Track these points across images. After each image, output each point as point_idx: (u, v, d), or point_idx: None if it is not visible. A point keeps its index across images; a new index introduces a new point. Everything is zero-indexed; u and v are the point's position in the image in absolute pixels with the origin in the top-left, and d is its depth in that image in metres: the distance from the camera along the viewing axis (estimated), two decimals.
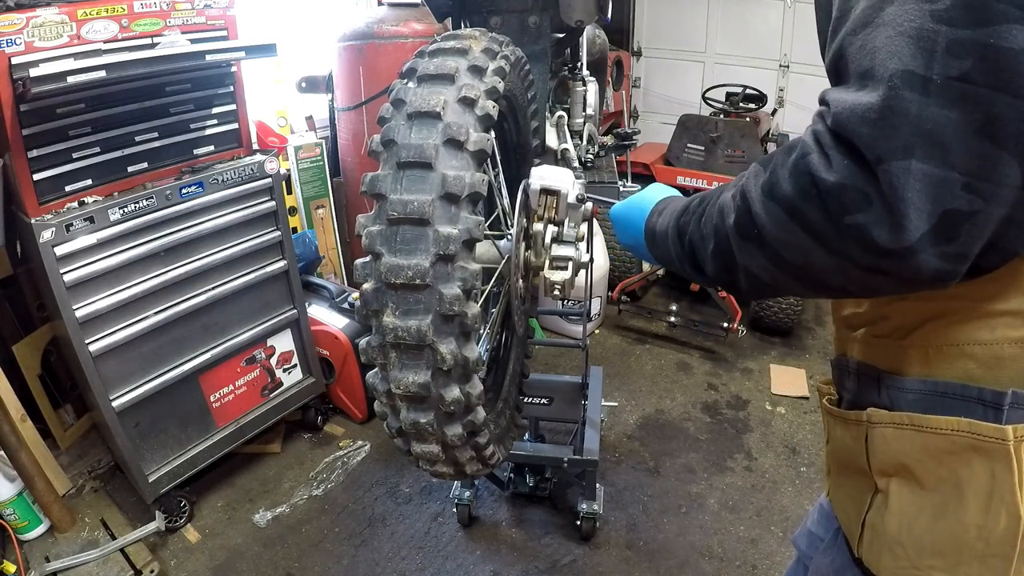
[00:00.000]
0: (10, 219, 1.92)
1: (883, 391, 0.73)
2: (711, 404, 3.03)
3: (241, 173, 2.26)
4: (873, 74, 0.54)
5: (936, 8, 0.52)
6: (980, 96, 0.51)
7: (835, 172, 0.55)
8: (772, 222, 0.60)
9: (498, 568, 2.19)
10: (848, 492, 0.82)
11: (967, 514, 0.63)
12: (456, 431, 0.89)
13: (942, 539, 0.66)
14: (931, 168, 0.52)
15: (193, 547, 2.27)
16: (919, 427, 0.66)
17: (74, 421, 2.54)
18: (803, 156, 0.58)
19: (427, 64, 0.91)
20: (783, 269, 0.63)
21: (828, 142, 0.56)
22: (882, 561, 0.73)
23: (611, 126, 4.73)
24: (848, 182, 0.54)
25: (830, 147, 0.56)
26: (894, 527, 0.70)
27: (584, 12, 1.55)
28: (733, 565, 2.18)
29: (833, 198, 0.55)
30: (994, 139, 0.51)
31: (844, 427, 0.80)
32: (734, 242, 0.66)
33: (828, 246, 0.57)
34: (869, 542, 0.75)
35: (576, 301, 3.12)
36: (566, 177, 1.09)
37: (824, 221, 0.56)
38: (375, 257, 0.83)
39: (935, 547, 0.67)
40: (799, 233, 0.58)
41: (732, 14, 4.96)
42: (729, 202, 0.67)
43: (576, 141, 1.98)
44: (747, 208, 0.63)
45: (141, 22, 1.92)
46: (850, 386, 0.81)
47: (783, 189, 0.59)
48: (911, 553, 0.69)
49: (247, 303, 2.41)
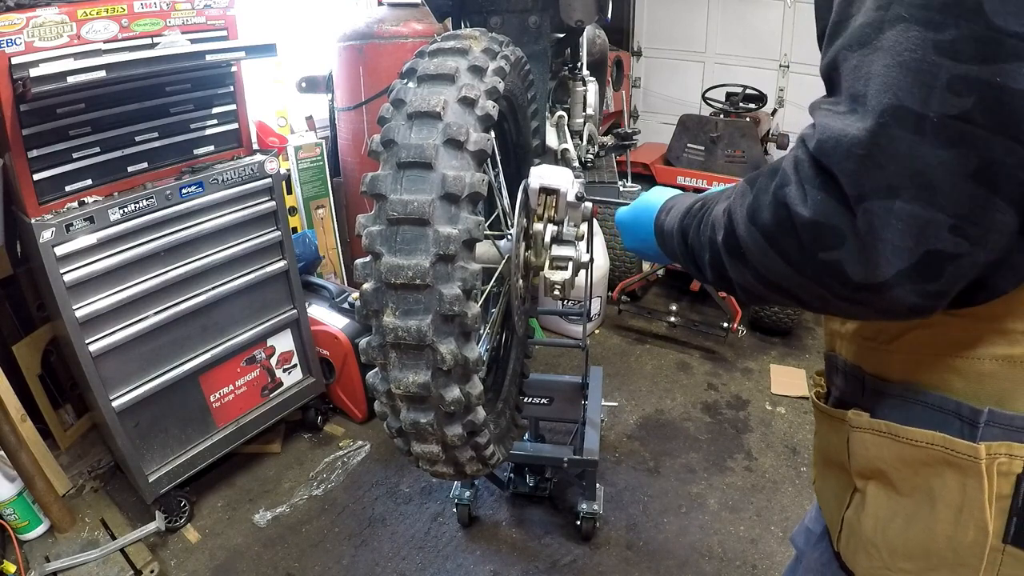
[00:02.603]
0: (10, 219, 1.92)
1: (866, 393, 0.74)
2: (711, 404, 3.03)
3: (241, 173, 2.26)
4: (865, 102, 0.51)
5: (941, 39, 0.48)
6: (978, 138, 0.48)
7: (810, 208, 0.54)
8: (754, 246, 0.60)
9: (498, 568, 2.19)
10: (830, 486, 0.83)
11: (938, 524, 0.64)
12: (456, 431, 0.89)
13: (914, 544, 0.66)
14: (917, 209, 0.50)
15: (193, 547, 2.27)
16: (896, 436, 0.67)
17: (74, 421, 2.54)
18: (781, 187, 0.57)
19: (427, 64, 0.91)
20: (769, 288, 0.63)
21: (807, 173, 0.54)
22: (858, 559, 0.74)
23: (611, 126, 4.73)
24: (822, 219, 0.53)
25: (808, 179, 0.54)
26: (869, 528, 0.71)
27: (584, 12, 1.55)
28: (733, 565, 2.18)
29: (808, 233, 0.54)
30: (989, 184, 0.49)
31: (829, 423, 0.81)
32: (724, 257, 0.66)
33: (805, 276, 0.57)
34: (846, 539, 0.77)
35: (576, 301, 3.12)
36: (565, 176, 1.09)
37: (799, 253, 0.56)
38: (375, 257, 0.83)
39: (907, 551, 0.67)
40: (778, 261, 0.58)
41: (732, 14, 4.95)
42: (720, 217, 0.67)
43: (576, 141, 1.98)
44: (732, 229, 0.63)
45: (141, 22, 1.92)
46: (838, 383, 0.82)
47: (763, 217, 0.58)
48: (884, 555, 0.70)
49: (247, 303, 2.41)
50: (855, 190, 0.51)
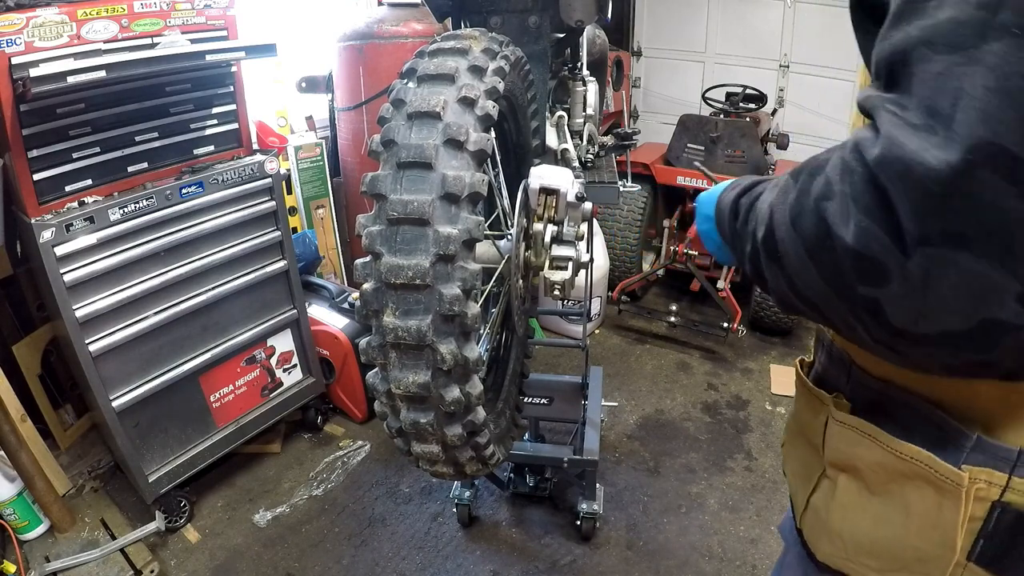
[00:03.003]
0: (10, 219, 1.92)
1: (851, 382, 0.72)
2: (711, 404, 3.03)
3: (241, 173, 2.26)
4: (951, 125, 0.41)
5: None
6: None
7: (853, 234, 0.46)
8: (794, 254, 0.53)
9: (498, 568, 2.19)
10: (799, 460, 0.82)
11: (907, 533, 0.63)
12: (456, 431, 0.89)
13: (881, 546, 0.66)
14: (984, 267, 0.42)
15: (193, 547, 2.27)
16: (880, 442, 0.64)
17: (74, 421, 2.54)
18: (823, 198, 0.49)
19: (427, 64, 0.91)
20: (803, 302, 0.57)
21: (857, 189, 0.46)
22: (820, 543, 0.74)
23: (611, 126, 4.72)
24: (865, 251, 0.46)
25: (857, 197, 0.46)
26: (837, 519, 0.71)
27: (584, 12, 1.55)
28: (733, 565, 2.18)
29: (848, 261, 0.47)
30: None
31: (807, 399, 0.78)
32: (762, 257, 0.60)
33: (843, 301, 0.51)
34: (811, 522, 0.76)
35: (576, 301, 3.12)
36: (565, 176, 1.09)
37: (838, 279, 0.49)
38: (375, 257, 0.83)
39: (872, 550, 0.67)
40: (816, 277, 0.52)
41: (732, 14, 4.95)
42: (764, 212, 0.59)
43: (576, 141, 1.98)
44: (773, 229, 0.56)
45: (141, 22, 1.92)
46: (822, 359, 0.79)
47: (804, 224, 0.51)
48: (848, 546, 0.69)
49: (247, 303, 2.41)
50: (918, 229, 0.43)
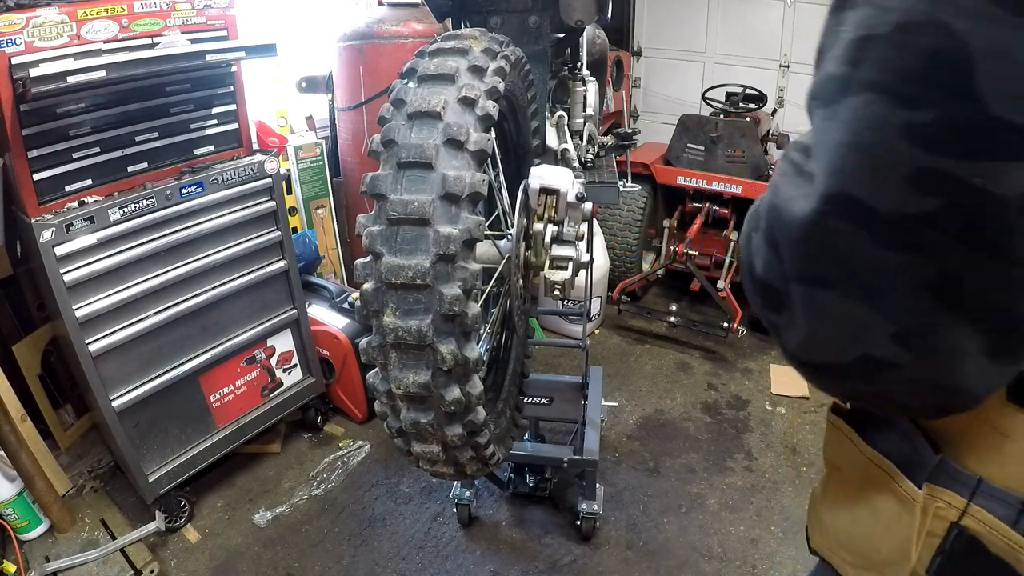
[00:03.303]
0: (10, 219, 1.92)
1: None
2: (711, 404, 3.03)
3: (241, 173, 2.26)
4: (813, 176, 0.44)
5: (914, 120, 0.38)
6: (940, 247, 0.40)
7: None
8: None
9: (498, 568, 2.19)
10: None
11: (874, 535, 0.66)
12: (456, 431, 0.89)
13: (855, 543, 0.69)
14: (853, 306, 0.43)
15: (193, 547, 2.27)
16: (858, 447, 0.68)
17: (74, 421, 2.54)
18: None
19: (427, 64, 0.91)
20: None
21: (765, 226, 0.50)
22: (814, 533, 0.78)
23: (611, 126, 4.72)
24: (767, 281, 0.50)
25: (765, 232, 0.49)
26: (826, 512, 0.75)
27: (584, 12, 1.55)
28: (733, 565, 2.18)
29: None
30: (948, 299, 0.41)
31: None
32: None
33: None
34: (812, 511, 0.80)
35: (576, 301, 3.12)
36: (565, 176, 1.09)
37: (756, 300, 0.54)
38: (375, 257, 0.83)
39: (849, 545, 0.70)
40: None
41: (732, 14, 4.95)
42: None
43: (576, 141, 1.98)
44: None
45: (141, 22, 1.92)
46: None
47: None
48: (831, 539, 0.73)
49: (247, 303, 2.41)
50: (790, 269, 0.47)
